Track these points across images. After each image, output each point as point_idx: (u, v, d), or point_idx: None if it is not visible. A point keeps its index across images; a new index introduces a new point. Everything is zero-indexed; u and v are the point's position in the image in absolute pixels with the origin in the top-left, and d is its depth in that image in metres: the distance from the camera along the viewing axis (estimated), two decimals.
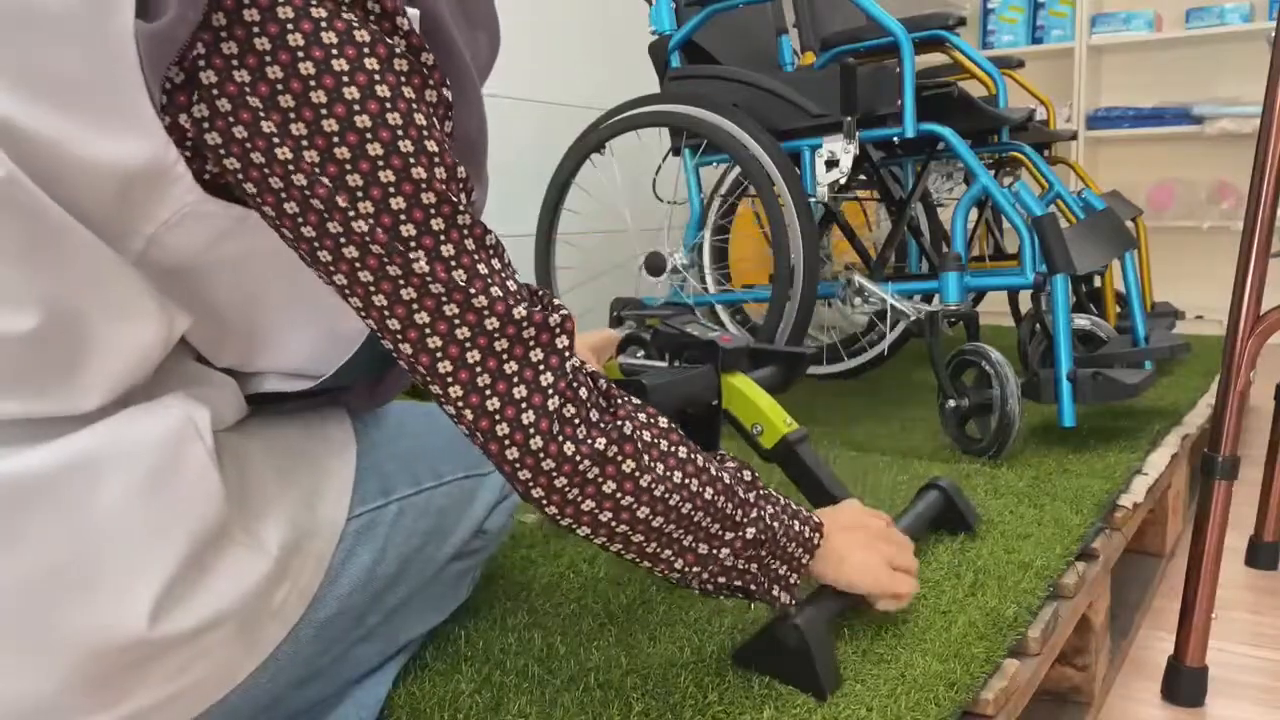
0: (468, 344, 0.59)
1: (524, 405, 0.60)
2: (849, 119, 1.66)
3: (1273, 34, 1.21)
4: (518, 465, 0.62)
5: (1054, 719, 1.15)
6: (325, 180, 0.55)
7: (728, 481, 0.72)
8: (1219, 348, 2.17)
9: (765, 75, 1.78)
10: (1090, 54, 3.86)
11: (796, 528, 0.79)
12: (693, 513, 0.69)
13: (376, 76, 0.55)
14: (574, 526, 0.66)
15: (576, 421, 0.62)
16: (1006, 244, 2.41)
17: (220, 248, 0.59)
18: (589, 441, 0.63)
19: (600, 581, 1.02)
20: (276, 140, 0.54)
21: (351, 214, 0.56)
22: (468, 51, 0.67)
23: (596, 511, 0.65)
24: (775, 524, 0.76)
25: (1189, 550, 1.20)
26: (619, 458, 0.64)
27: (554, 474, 0.62)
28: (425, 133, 0.57)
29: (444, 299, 0.58)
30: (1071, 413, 1.51)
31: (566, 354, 0.62)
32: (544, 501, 0.64)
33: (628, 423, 0.65)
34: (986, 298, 2.52)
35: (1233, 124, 3.67)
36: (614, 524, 0.66)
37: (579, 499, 0.63)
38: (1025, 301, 2.00)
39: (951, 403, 1.56)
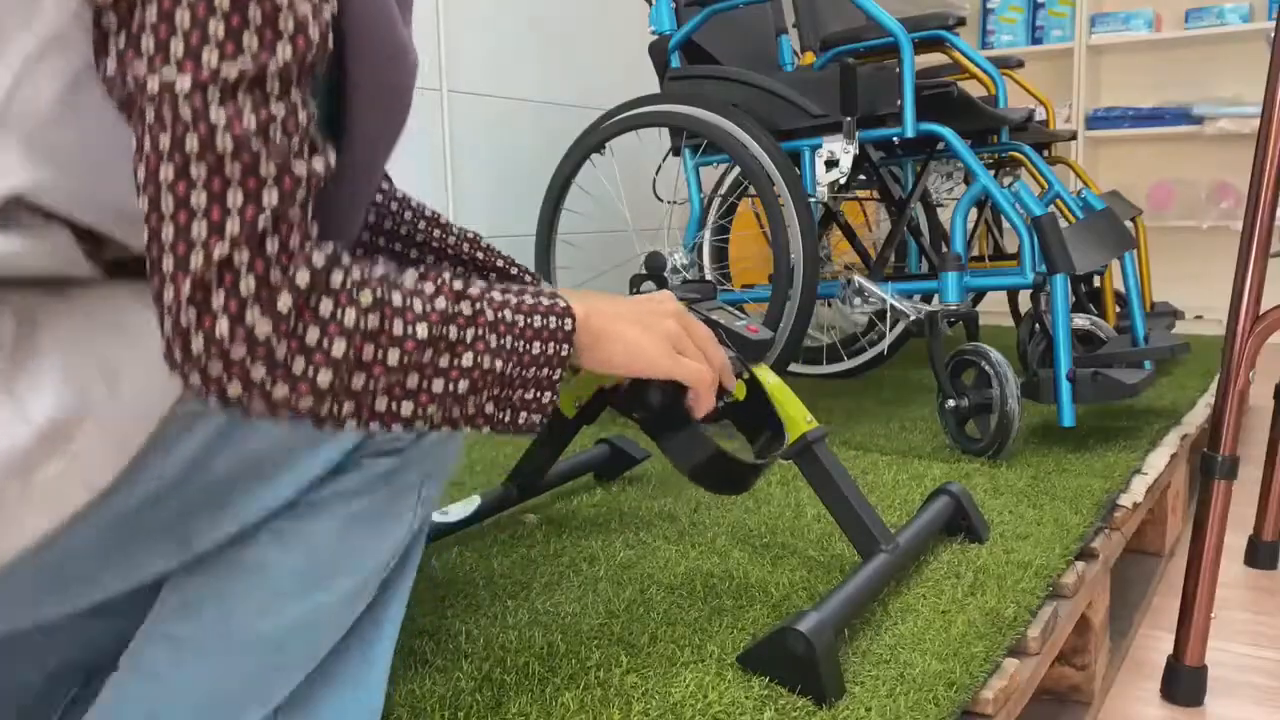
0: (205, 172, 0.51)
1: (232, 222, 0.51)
2: (849, 119, 1.66)
3: (1273, 34, 1.21)
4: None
5: (1054, 719, 1.15)
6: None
7: (434, 325, 0.59)
8: (1219, 348, 2.17)
9: (765, 75, 1.79)
10: (1090, 54, 3.86)
11: (542, 335, 0.64)
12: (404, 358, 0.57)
13: None
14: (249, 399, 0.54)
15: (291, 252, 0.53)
16: (1006, 244, 2.42)
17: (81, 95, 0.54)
18: (290, 273, 0.53)
19: (600, 581, 1.02)
20: None
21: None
22: None
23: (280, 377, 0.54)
24: (507, 351, 0.62)
25: (1189, 550, 1.20)
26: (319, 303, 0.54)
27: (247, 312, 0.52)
28: None
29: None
30: (1071, 412, 1.51)
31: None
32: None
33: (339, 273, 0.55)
34: (986, 298, 2.52)
35: (1232, 124, 3.67)
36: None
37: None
38: (1025, 301, 2.00)
39: (951, 403, 1.56)
